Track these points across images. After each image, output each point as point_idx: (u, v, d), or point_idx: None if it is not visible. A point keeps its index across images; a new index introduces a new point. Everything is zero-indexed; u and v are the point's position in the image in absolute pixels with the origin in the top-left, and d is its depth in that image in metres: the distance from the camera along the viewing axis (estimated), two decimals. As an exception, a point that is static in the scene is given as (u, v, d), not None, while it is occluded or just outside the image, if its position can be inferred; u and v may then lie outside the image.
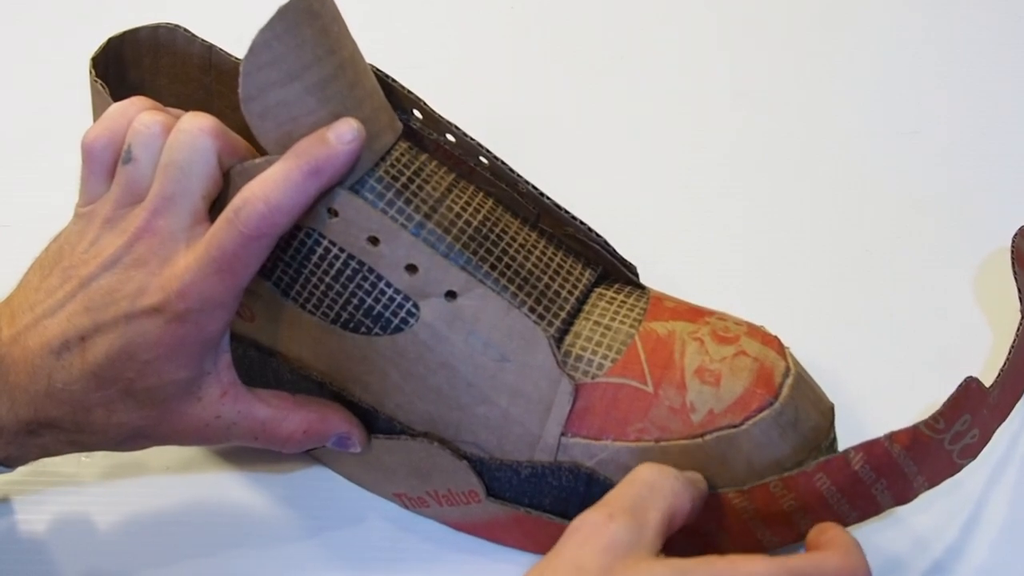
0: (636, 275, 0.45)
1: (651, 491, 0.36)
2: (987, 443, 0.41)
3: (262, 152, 0.39)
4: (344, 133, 0.38)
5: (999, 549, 0.44)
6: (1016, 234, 0.51)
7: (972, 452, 0.40)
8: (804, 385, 0.42)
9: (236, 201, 0.37)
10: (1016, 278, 0.49)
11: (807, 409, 0.41)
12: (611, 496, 0.36)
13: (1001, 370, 0.41)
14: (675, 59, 0.68)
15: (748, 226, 0.57)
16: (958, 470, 0.40)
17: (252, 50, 0.37)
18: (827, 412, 0.42)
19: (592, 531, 0.35)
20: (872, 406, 0.48)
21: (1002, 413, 0.43)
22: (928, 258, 0.55)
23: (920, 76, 0.67)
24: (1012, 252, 0.51)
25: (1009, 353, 0.42)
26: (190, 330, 0.37)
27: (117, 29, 0.45)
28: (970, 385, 0.39)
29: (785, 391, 0.41)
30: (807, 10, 0.72)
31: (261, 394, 0.41)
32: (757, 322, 0.44)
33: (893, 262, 0.55)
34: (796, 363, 0.42)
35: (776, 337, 0.43)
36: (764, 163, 0.61)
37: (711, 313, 0.43)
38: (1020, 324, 0.44)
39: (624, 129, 0.63)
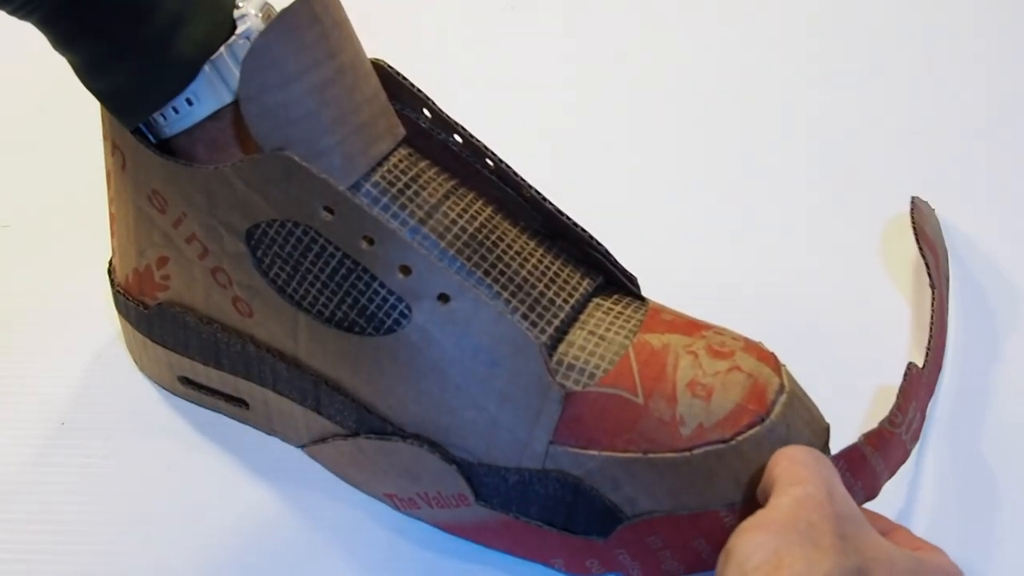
0: (637, 286, 0.45)
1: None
2: (923, 421, 0.43)
3: (257, 150, 0.40)
4: None
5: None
6: (912, 208, 0.53)
7: (917, 434, 0.42)
8: (798, 403, 0.41)
9: None
10: (922, 253, 0.50)
11: (800, 428, 0.41)
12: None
13: (927, 348, 0.44)
14: (676, 60, 0.68)
15: (747, 228, 0.58)
16: (908, 455, 0.42)
17: (252, 52, 0.38)
18: (821, 432, 0.42)
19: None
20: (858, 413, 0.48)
21: (930, 390, 0.45)
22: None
23: (926, 77, 0.66)
24: (914, 229, 0.52)
25: (930, 330, 0.45)
26: None
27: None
28: (912, 371, 0.41)
29: (778, 408, 0.40)
30: (810, 14, 0.72)
31: None
32: (755, 324, 0.44)
33: (896, 264, 0.55)
34: (792, 380, 0.42)
35: (772, 353, 0.42)
36: (763, 165, 0.61)
37: (708, 327, 0.43)
38: (932, 299, 0.47)
39: (623, 129, 0.64)
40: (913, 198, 0.54)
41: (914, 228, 0.52)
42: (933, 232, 0.54)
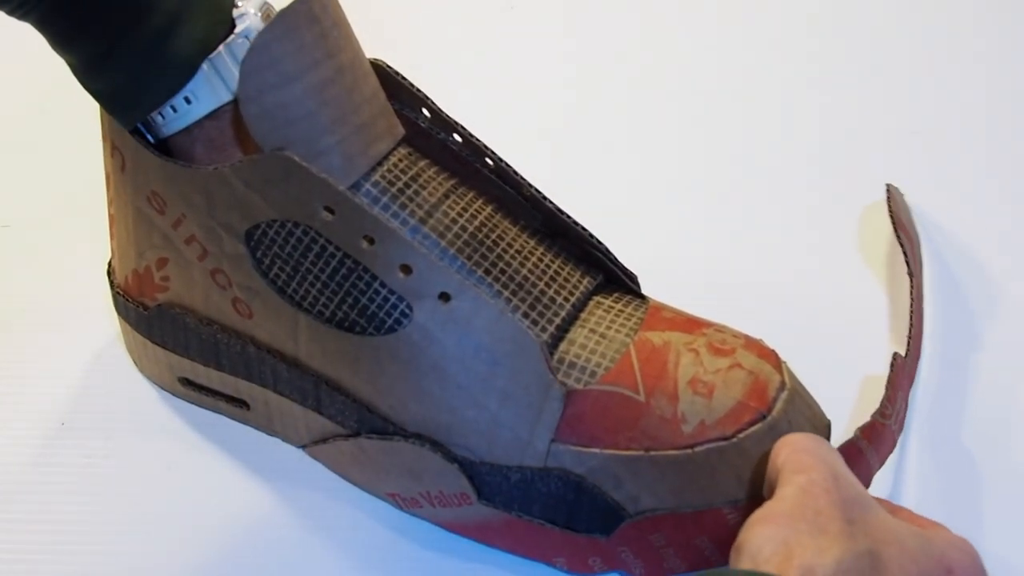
0: (637, 284, 0.45)
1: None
2: (907, 409, 0.44)
3: (256, 151, 0.40)
4: None
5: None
6: (888, 197, 0.53)
7: (902, 423, 0.43)
8: (799, 400, 0.41)
9: None
10: (899, 241, 0.51)
11: (801, 424, 0.41)
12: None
13: (909, 337, 0.45)
14: (676, 60, 0.69)
15: (747, 227, 0.58)
16: (896, 445, 0.43)
17: (251, 52, 0.38)
18: (822, 429, 0.42)
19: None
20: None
21: (911, 378, 0.46)
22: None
23: (926, 77, 0.67)
24: (891, 218, 0.52)
25: (910, 318, 0.46)
26: None
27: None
28: (897, 361, 0.42)
29: (779, 405, 0.40)
30: (810, 14, 0.72)
31: None
32: (755, 323, 0.44)
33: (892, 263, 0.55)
34: (793, 377, 0.42)
35: (773, 351, 0.42)
36: (763, 165, 0.61)
37: (709, 325, 0.43)
38: (911, 288, 0.47)
39: (623, 129, 0.64)
40: (888, 186, 0.54)
41: (891, 216, 0.52)
42: (907, 219, 0.54)
